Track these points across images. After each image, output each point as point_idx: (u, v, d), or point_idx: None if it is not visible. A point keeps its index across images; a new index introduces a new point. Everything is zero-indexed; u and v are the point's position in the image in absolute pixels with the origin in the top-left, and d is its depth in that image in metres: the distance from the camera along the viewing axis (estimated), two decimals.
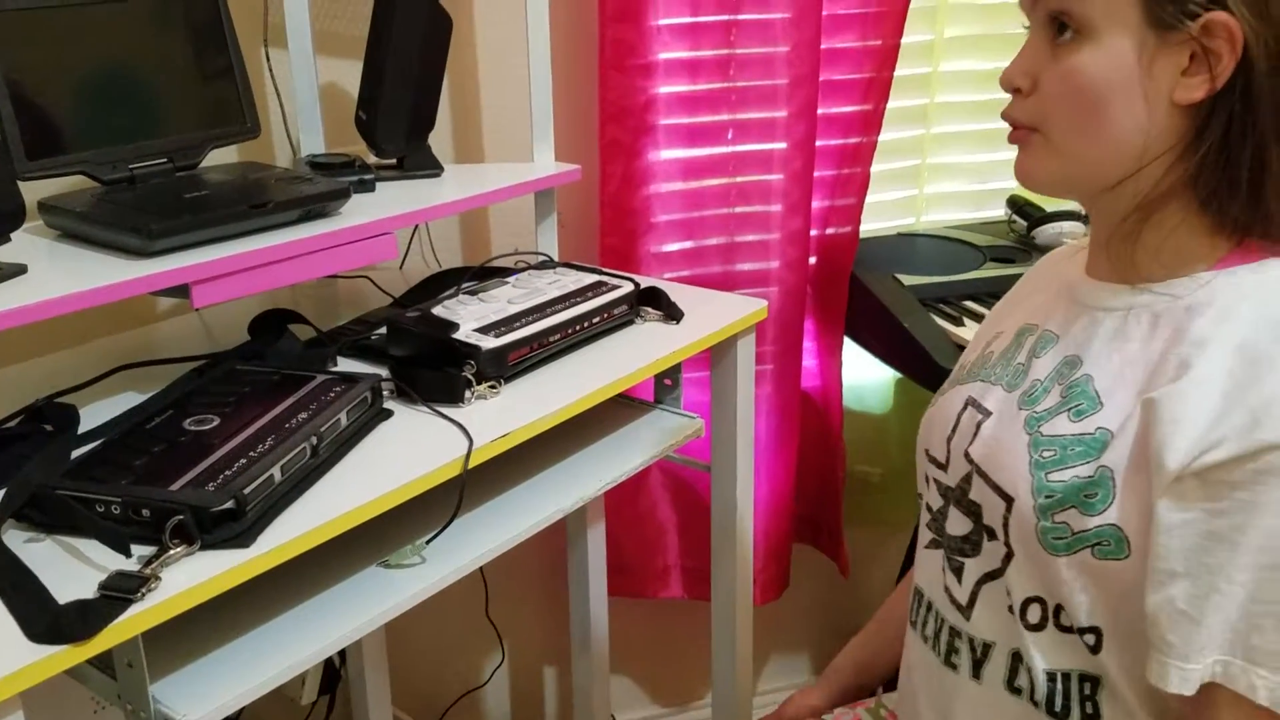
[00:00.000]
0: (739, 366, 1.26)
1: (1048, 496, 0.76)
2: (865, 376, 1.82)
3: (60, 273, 0.95)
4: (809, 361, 1.71)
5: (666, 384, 1.31)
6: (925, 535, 0.91)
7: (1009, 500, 0.79)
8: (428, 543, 0.96)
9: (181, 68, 1.16)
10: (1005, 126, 0.80)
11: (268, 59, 1.39)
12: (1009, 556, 0.80)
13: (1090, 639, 0.76)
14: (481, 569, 0.98)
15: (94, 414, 0.99)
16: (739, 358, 1.25)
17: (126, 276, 0.92)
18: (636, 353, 1.14)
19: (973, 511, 0.84)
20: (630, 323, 1.22)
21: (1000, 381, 0.86)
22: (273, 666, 0.82)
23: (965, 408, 0.87)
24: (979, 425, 0.85)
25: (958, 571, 0.85)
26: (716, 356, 1.27)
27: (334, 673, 1.61)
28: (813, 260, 1.65)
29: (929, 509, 0.90)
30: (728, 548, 1.34)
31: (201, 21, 1.17)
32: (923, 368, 1.41)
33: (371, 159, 1.32)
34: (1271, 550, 0.66)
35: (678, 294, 1.26)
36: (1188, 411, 0.69)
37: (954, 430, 0.87)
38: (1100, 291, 0.80)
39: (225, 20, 1.18)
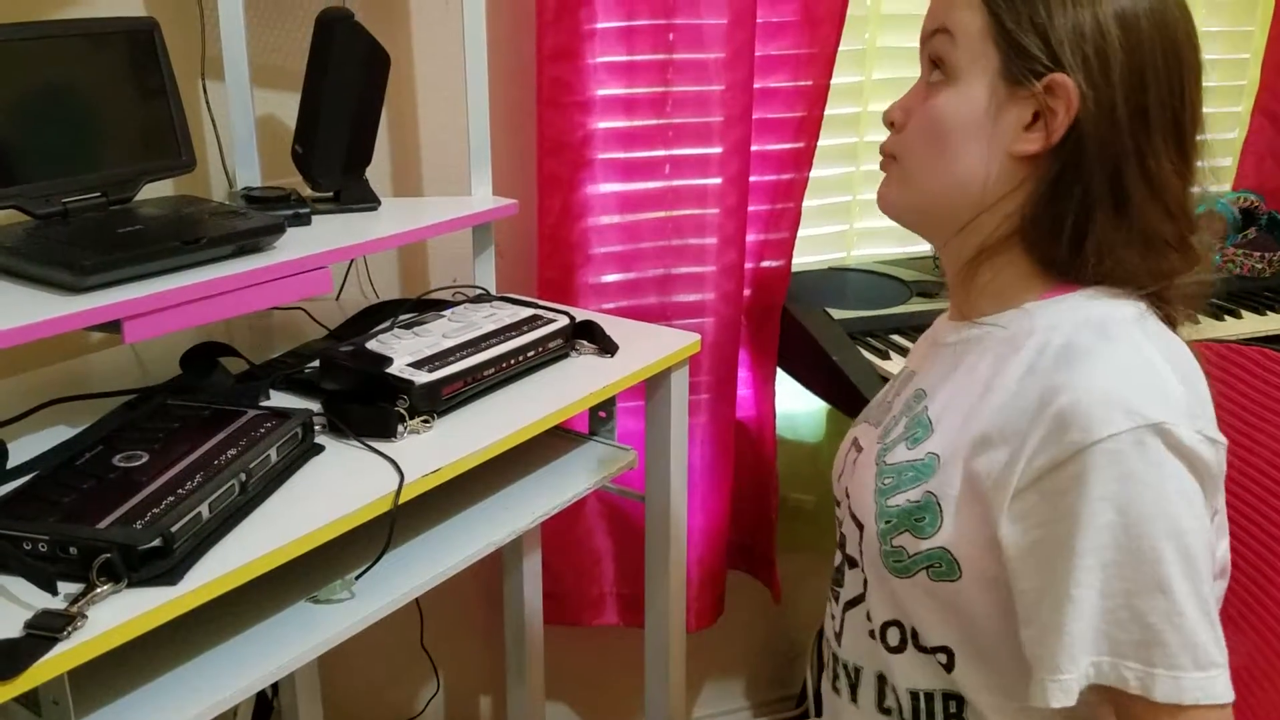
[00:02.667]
0: (673, 398, 1.28)
1: (886, 521, 0.81)
2: (798, 406, 1.86)
3: None
4: (743, 391, 1.74)
5: (601, 416, 1.33)
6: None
7: (861, 527, 0.85)
8: (357, 578, 0.97)
9: (117, 101, 1.16)
10: None
11: (204, 91, 1.39)
12: (866, 582, 0.85)
13: (943, 658, 0.80)
14: (416, 599, 0.99)
15: (23, 448, 0.98)
16: (673, 390, 1.28)
17: (57, 312, 0.92)
18: (571, 386, 1.16)
19: (841, 543, 0.90)
20: (565, 356, 1.24)
21: (875, 421, 0.92)
22: (201, 702, 0.83)
23: (850, 447, 0.94)
24: (855, 462, 0.91)
25: (836, 599, 0.91)
26: (651, 389, 1.29)
27: (266, 705, 1.60)
28: (747, 293, 1.68)
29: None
30: (661, 576, 1.36)
31: (137, 54, 1.17)
32: (850, 400, 1.45)
33: (308, 192, 1.33)
34: (1106, 546, 0.69)
35: (613, 327, 1.29)
36: (1004, 433, 0.74)
37: (842, 469, 0.94)
38: (948, 329, 0.87)
39: (161, 53, 1.19)
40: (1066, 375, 0.72)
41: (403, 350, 1.10)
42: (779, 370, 1.72)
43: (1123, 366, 0.72)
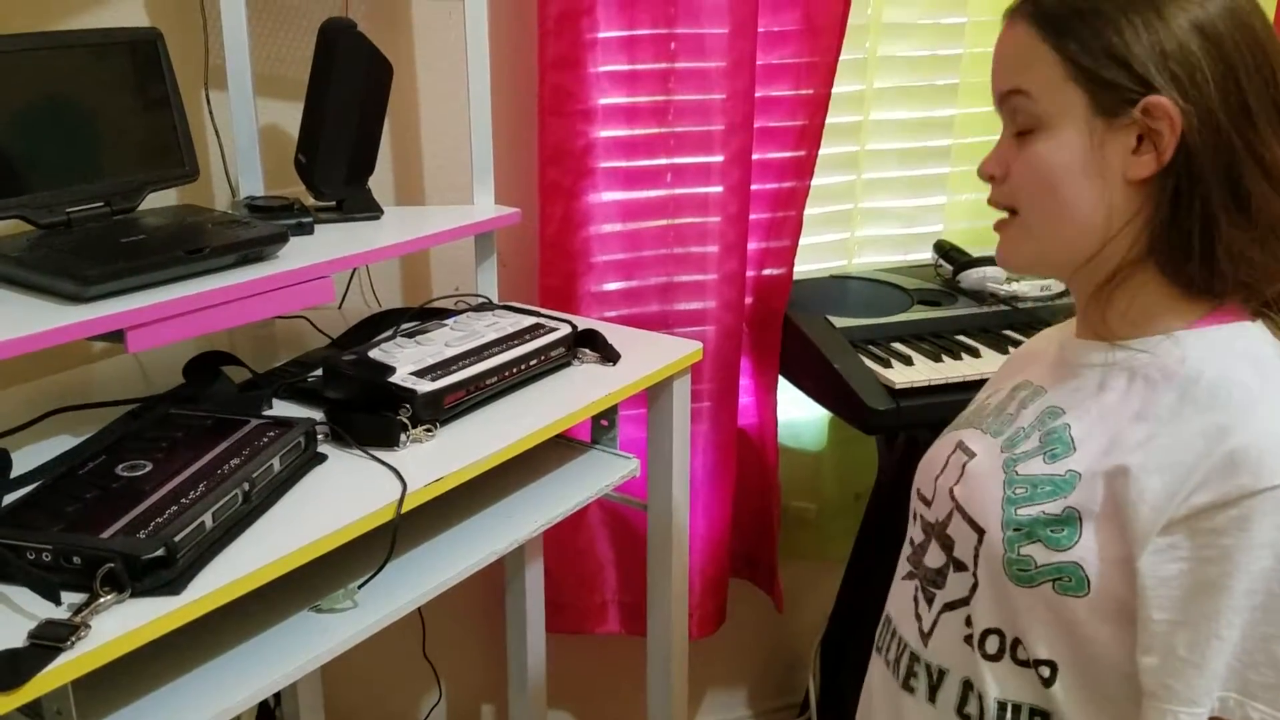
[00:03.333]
0: (675, 406, 1.29)
1: (1015, 529, 0.80)
2: (800, 414, 1.86)
3: None
4: (745, 399, 1.74)
5: (603, 425, 1.33)
6: (903, 567, 0.95)
7: (981, 532, 0.83)
8: (359, 587, 0.97)
9: (121, 111, 1.17)
10: (933, 173, 0.86)
11: (208, 101, 1.40)
12: (975, 587, 0.84)
13: (1045, 671, 0.80)
14: (419, 608, 0.99)
15: (27, 458, 0.99)
16: (675, 398, 1.28)
17: (61, 322, 0.93)
18: (573, 395, 1.16)
19: (947, 545, 0.88)
20: (567, 364, 1.24)
21: (989, 429, 0.91)
22: (204, 712, 0.83)
23: (954, 450, 0.92)
24: (964, 466, 0.89)
25: (929, 601, 0.89)
26: (653, 397, 1.29)
27: (269, 714, 1.60)
28: (749, 300, 1.68)
29: (911, 542, 0.94)
30: (663, 584, 1.36)
31: (141, 65, 1.18)
32: (851, 408, 1.45)
33: (311, 201, 1.33)
34: (1258, 591, 0.70)
35: (615, 335, 1.29)
36: (1161, 464, 0.74)
37: (942, 470, 0.92)
38: (1083, 349, 0.86)
39: (165, 64, 1.19)
40: (1235, 415, 0.72)
41: (405, 359, 1.10)
42: (780, 378, 1.72)
43: None
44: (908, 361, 1.49)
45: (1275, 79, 0.76)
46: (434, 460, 1.00)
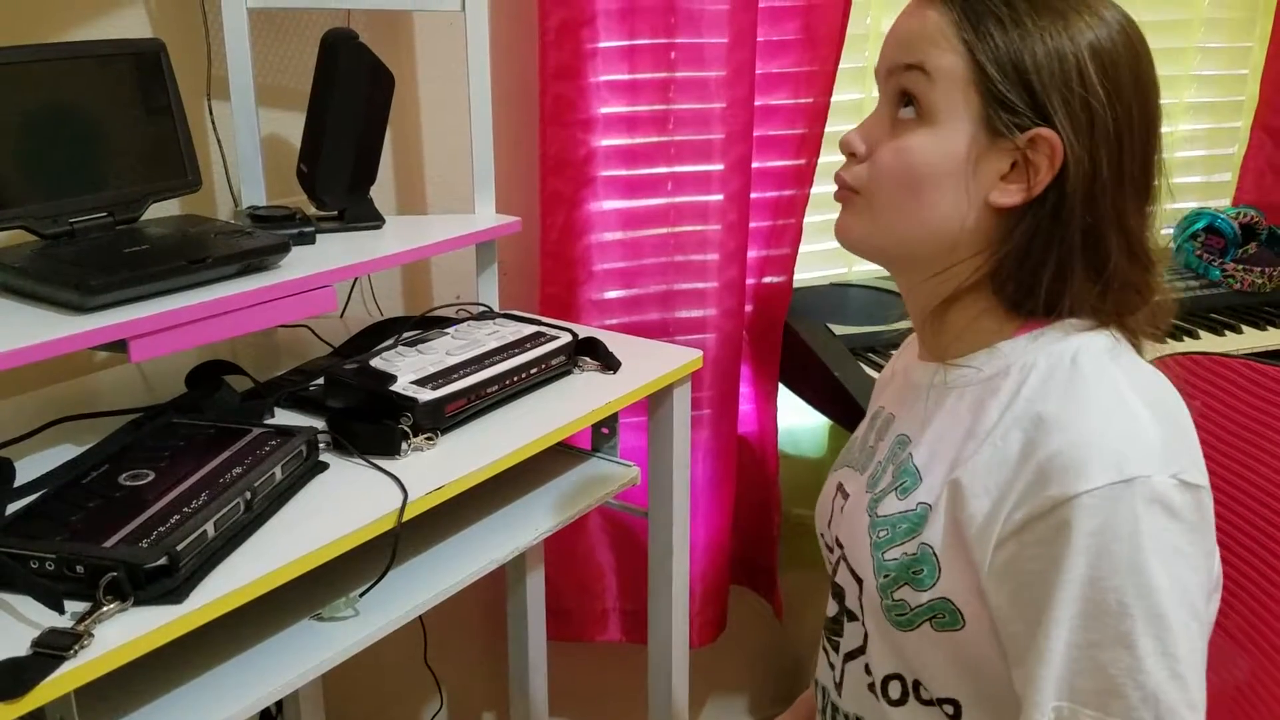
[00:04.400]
0: (675, 415, 1.29)
1: (885, 575, 0.79)
2: (800, 421, 1.86)
3: None
4: (745, 407, 1.75)
5: (604, 433, 1.33)
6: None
7: (860, 582, 0.83)
8: (361, 596, 0.97)
9: (123, 121, 1.17)
10: None
11: (210, 111, 1.40)
12: (867, 636, 0.84)
13: (949, 709, 0.79)
14: (420, 616, 1.00)
15: (30, 467, 0.99)
16: (675, 406, 1.29)
17: (64, 332, 0.93)
18: (574, 403, 1.17)
19: (838, 594, 0.88)
20: (568, 373, 1.25)
21: (858, 465, 0.90)
22: None
23: (836, 493, 0.92)
24: (843, 510, 0.89)
25: (836, 650, 0.90)
26: (653, 405, 1.30)
27: None
28: (749, 308, 1.69)
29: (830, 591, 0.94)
30: (664, 592, 1.36)
31: (144, 75, 1.18)
32: (852, 416, 1.45)
33: (313, 211, 1.34)
34: (1078, 599, 0.69)
35: (615, 344, 1.29)
36: (984, 485, 0.74)
37: (830, 515, 0.92)
38: (921, 370, 0.85)
39: (168, 74, 1.20)
40: (1045, 426, 0.72)
41: (406, 368, 1.11)
42: (781, 386, 1.73)
43: (1099, 414, 0.72)
44: None
45: (1149, 139, 0.76)
46: (435, 468, 1.00)
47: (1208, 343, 1.57)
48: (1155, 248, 0.79)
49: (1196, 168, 2.03)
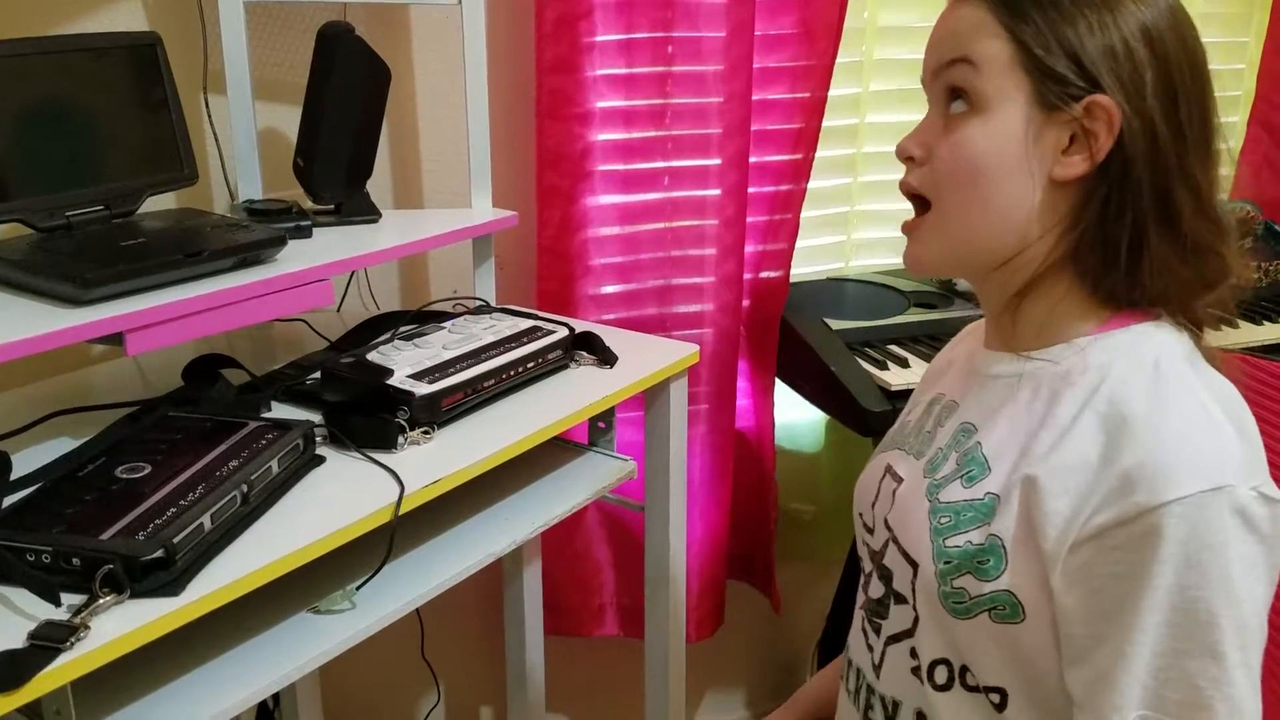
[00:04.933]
0: (671, 409, 1.29)
1: (946, 562, 0.79)
2: (797, 416, 1.87)
3: None
4: (742, 401, 1.75)
5: (600, 427, 1.34)
6: (859, 596, 0.94)
7: (915, 566, 0.82)
8: (358, 589, 0.97)
9: (120, 115, 1.17)
10: None
11: (206, 105, 1.40)
12: (917, 620, 0.83)
13: (995, 698, 0.79)
14: (417, 609, 1.00)
15: (26, 460, 0.99)
16: (671, 400, 1.29)
17: (60, 325, 0.93)
18: (570, 397, 1.17)
19: (884, 576, 0.87)
20: (564, 367, 1.25)
21: (912, 450, 0.89)
22: (202, 713, 0.83)
23: (884, 475, 0.91)
24: (894, 493, 0.88)
25: (876, 631, 0.89)
26: (650, 399, 1.30)
27: (267, 715, 1.60)
28: (746, 303, 1.69)
29: (863, 571, 0.93)
30: (661, 586, 1.37)
31: (141, 69, 1.18)
32: (848, 410, 1.46)
33: (309, 205, 1.34)
34: (1165, 607, 0.69)
35: (612, 338, 1.29)
36: (1063, 485, 0.73)
37: (876, 496, 0.91)
38: (992, 361, 0.84)
39: (164, 68, 1.20)
40: (1130, 431, 0.72)
41: (403, 362, 1.11)
42: (778, 380, 1.73)
43: (1186, 421, 0.71)
44: (904, 364, 1.50)
45: (1206, 104, 0.76)
46: (432, 462, 1.00)
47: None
48: (1225, 212, 0.78)
49: None
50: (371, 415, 1.05)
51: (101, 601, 0.76)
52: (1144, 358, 0.75)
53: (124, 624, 0.75)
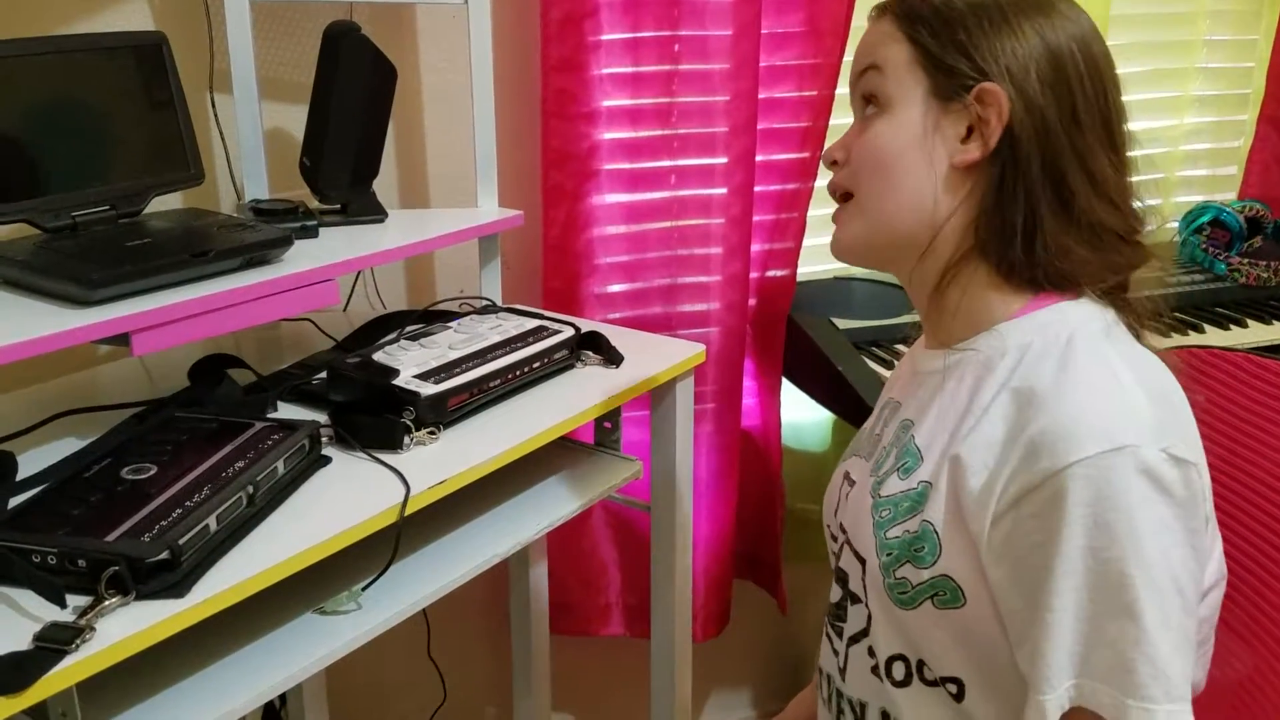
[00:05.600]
0: (678, 408, 1.29)
1: (888, 554, 0.81)
2: (804, 416, 1.86)
3: None
4: (749, 401, 1.74)
5: (606, 427, 1.33)
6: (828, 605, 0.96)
7: (863, 562, 0.85)
8: (363, 589, 0.97)
9: (126, 115, 1.17)
10: None
11: (213, 104, 1.40)
12: (870, 617, 0.85)
13: (953, 688, 0.80)
14: (424, 609, 1.00)
15: (33, 460, 0.99)
16: (678, 400, 1.28)
17: (67, 326, 0.93)
18: (576, 397, 1.17)
19: (842, 579, 0.90)
20: (571, 367, 1.25)
21: (865, 454, 0.92)
22: (208, 714, 0.83)
23: (842, 481, 0.94)
24: (847, 496, 0.91)
25: (839, 634, 0.91)
26: (656, 399, 1.29)
27: (274, 715, 1.61)
28: (752, 302, 1.68)
29: (834, 577, 0.95)
30: (667, 586, 1.36)
31: (146, 69, 1.18)
32: (855, 410, 1.45)
33: (315, 204, 1.34)
34: (1078, 570, 0.70)
35: (618, 338, 1.29)
36: (981, 461, 0.75)
37: (837, 503, 0.94)
38: (927, 358, 0.88)
39: (170, 67, 1.20)
40: (1036, 401, 0.74)
41: (409, 362, 1.10)
42: (784, 380, 1.72)
43: (1090, 388, 0.73)
44: None
45: (1107, 98, 0.80)
46: (437, 463, 1.00)
47: (1212, 337, 1.56)
48: (1141, 205, 0.83)
49: (1202, 161, 2.02)
50: (377, 415, 1.04)
51: (107, 603, 0.76)
52: (1059, 334, 0.78)
53: (129, 625, 0.75)
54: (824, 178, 1.71)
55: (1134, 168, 0.83)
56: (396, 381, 1.06)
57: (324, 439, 1.03)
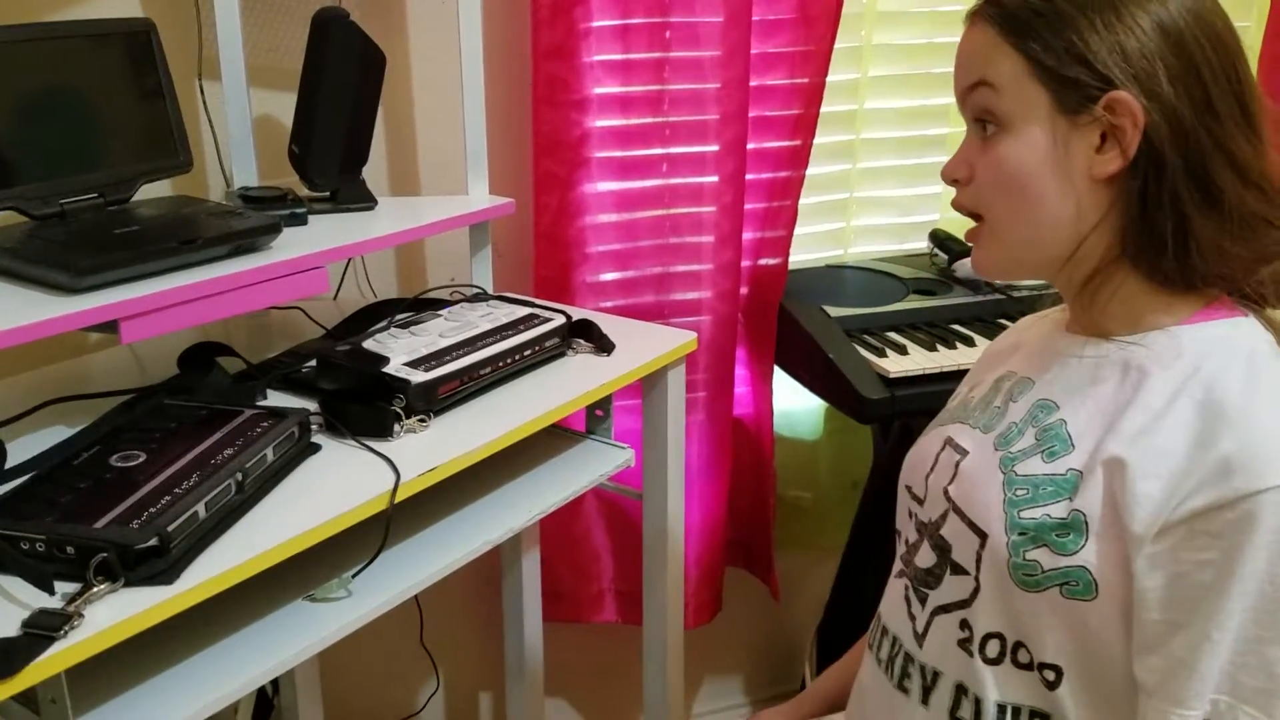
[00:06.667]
0: (669, 396, 1.29)
1: (1021, 533, 0.79)
2: (795, 403, 1.86)
3: None
4: (740, 389, 1.74)
5: (598, 415, 1.33)
6: (896, 565, 0.94)
7: (983, 536, 0.82)
8: (354, 576, 0.97)
9: (114, 102, 1.17)
10: (929, 161, 0.85)
11: (201, 92, 1.40)
12: (976, 591, 0.83)
13: (1050, 675, 0.79)
14: (416, 595, 1.00)
15: (22, 448, 0.99)
16: (669, 388, 1.28)
17: (55, 313, 0.93)
18: (567, 385, 1.17)
19: (940, 546, 0.87)
20: (562, 355, 1.25)
21: (978, 424, 0.89)
22: (197, 700, 0.84)
23: (943, 448, 0.91)
24: (957, 464, 0.88)
25: (922, 601, 0.89)
26: (647, 387, 1.29)
27: (267, 702, 1.61)
28: (744, 290, 1.68)
29: (905, 541, 0.94)
30: (659, 573, 1.37)
31: (135, 55, 1.17)
32: (847, 398, 1.45)
33: (305, 192, 1.33)
34: (1250, 593, 0.70)
35: (609, 325, 1.29)
36: (1155, 467, 0.74)
37: (932, 468, 0.91)
38: (1074, 343, 0.85)
39: (158, 54, 1.19)
40: (1228, 416, 0.72)
41: (399, 349, 1.10)
42: (776, 368, 1.72)
43: None
44: (902, 351, 1.50)
45: (1237, 75, 0.76)
46: (428, 450, 1.00)
47: None
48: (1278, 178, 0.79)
49: None
50: (367, 403, 1.04)
51: (96, 590, 0.76)
52: (1238, 350, 0.77)
53: (118, 612, 0.75)
54: (823, 166, 1.73)
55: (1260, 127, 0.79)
56: (387, 369, 1.06)
57: (314, 426, 1.03)
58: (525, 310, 1.26)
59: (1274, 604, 0.69)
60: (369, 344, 1.12)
